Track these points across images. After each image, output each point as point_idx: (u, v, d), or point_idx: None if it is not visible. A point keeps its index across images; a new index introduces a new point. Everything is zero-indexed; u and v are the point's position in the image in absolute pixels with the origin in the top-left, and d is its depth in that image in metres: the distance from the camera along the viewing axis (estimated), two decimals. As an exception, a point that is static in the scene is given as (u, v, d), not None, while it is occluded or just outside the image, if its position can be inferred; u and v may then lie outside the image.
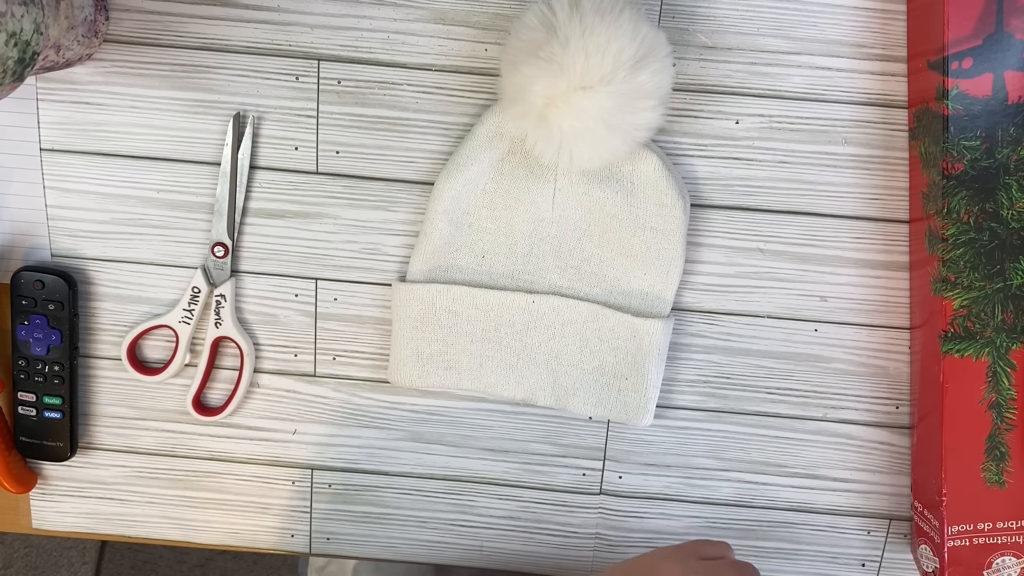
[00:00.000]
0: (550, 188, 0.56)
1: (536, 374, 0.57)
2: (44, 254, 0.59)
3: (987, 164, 0.52)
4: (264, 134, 0.57)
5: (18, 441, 0.61)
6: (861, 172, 0.57)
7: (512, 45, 0.51)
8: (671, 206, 0.55)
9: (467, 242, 0.57)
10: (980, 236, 0.52)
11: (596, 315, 0.56)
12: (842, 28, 0.55)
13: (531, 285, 0.57)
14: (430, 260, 0.57)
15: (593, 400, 0.58)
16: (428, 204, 0.56)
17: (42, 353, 0.59)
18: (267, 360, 0.61)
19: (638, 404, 0.57)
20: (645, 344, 0.56)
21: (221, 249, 0.58)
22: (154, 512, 0.64)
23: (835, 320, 0.59)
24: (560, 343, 0.57)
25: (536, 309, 0.57)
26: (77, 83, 0.56)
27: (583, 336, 0.57)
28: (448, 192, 0.55)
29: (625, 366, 0.57)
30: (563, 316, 0.57)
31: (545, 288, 0.57)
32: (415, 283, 0.56)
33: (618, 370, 0.57)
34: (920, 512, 0.58)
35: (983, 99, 0.51)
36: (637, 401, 0.57)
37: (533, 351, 0.57)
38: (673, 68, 0.51)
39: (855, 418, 0.60)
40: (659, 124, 0.52)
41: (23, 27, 0.44)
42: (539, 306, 0.57)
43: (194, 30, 0.55)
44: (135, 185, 0.58)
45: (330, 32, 0.55)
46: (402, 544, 0.64)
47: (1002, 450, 0.55)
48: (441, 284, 0.56)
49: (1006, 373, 0.54)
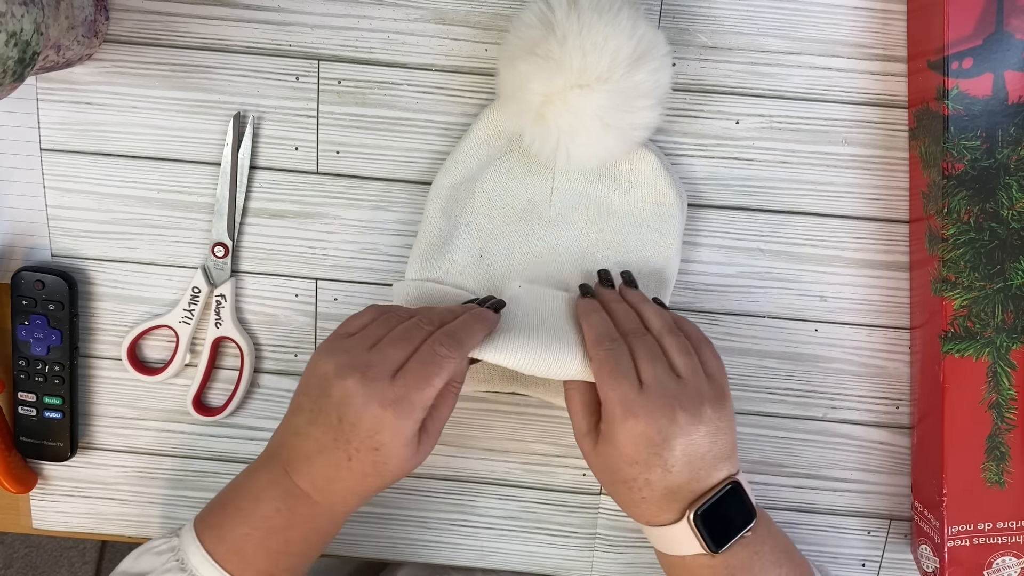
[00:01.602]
0: (548, 186, 0.56)
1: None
2: (44, 254, 0.59)
3: (987, 164, 0.52)
4: (264, 134, 0.57)
5: (18, 441, 0.61)
6: (861, 172, 0.57)
7: (510, 42, 0.51)
8: (668, 205, 0.55)
9: (465, 241, 0.56)
10: (980, 236, 0.52)
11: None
12: (842, 28, 0.55)
13: (529, 284, 0.57)
14: (428, 259, 0.56)
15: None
16: (426, 202, 0.56)
17: (42, 353, 0.59)
18: (267, 360, 0.61)
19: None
20: None
21: (221, 249, 0.58)
22: (154, 512, 0.64)
23: (835, 320, 0.59)
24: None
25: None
26: (77, 83, 0.56)
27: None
28: (445, 190, 0.55)
29: None
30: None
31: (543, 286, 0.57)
32: (414, 282, 0.56)
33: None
34: (920, 512, 0.58)
35: (983, 99, 0.51)
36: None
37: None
38: (672, 67, 0.51)
39: (855, 418, 0.60)
40: (657, 124, 0.52)
41: (23, 27, 0.44)
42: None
43: (194, 30, 0.55)
44: (135, 185, 0.58)
45: (330, 32, 0.55)
46: (402, 544, 0.64)
47: (1002, 450, 0.54)
48: (439, 284, 0.56)
49: (1006, 373, 0.54)
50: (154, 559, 0.49)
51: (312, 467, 0.46)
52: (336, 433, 0.45)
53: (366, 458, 0.45)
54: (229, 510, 0.49)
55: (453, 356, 0.45)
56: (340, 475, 0.46)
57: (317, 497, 0.47)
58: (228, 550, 0.48)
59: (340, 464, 0.45)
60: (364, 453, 0.45)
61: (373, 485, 0.47)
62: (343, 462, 0.45)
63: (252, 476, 0.49)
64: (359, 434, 0.44)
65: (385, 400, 0.44)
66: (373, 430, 0.44)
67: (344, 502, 0.48)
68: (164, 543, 0.50)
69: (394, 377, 0.44)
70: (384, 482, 0.47)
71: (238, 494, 0.49)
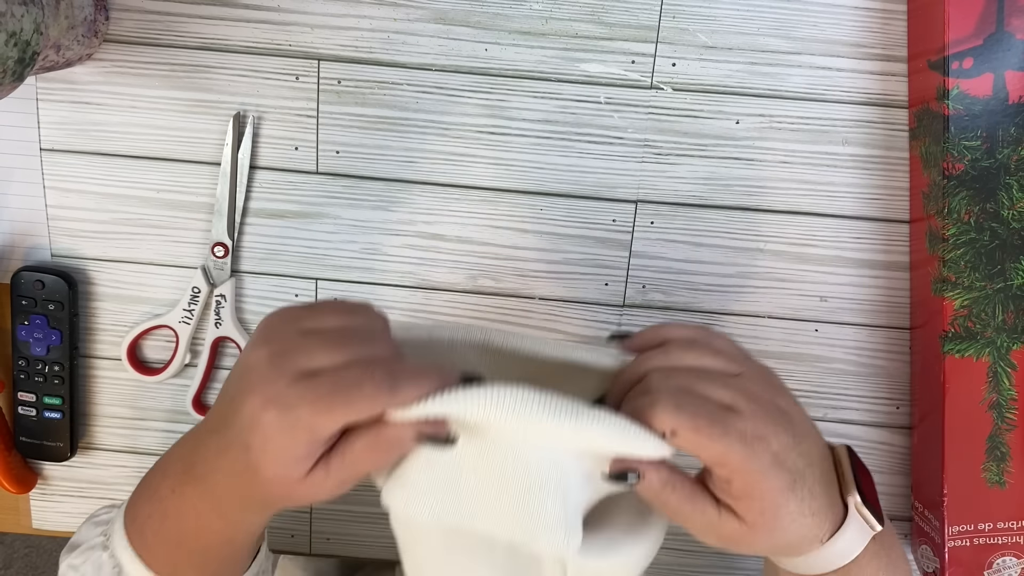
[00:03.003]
0: None
1: None
2: (44, 254, 0.59)
3: (988, 164, 0.52)
4: (264, 134, 0.57)
5: (18, 441, 0.61)
6: (861, 172, 0.57)
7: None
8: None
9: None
10: (981, 236, 0.52)
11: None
12: (842, 28, 0.55)
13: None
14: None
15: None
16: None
17: (42, 353, 0.59)
18: (267, 360, 0.61)
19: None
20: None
21: (221, 249, 0.58)
22: (154, 512, 0.64)
23: (835, 320, 0.59)
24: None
25: None
26: (77, 83, 0.56)
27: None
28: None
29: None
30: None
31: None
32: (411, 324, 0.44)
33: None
34: (920, 512, 0.58)
35: (984, 99, 0.51)
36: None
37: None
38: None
39: (855, 418, 0.60)
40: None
41: (23, 27, 0.44)
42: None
43: (194, 30, 0.55)
44: (135, 185, 0.58)
45: (330, 32, 0.55)
46: (402, 544, 0.64)
47: (1003, 450, 0.54)
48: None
49: (1007, 373, 0.54)
50: (92, 530, 0.46)
51: (203, 447, 0.40)
52: (226, 412, 0.38)
53: (237, 455, 0.37)
54: (148, 478, 0.43)
55: (378, 396, 0.35)
56: (219, 464, 0.38)
57: (204, 488, 0.40)
58: (138, 530, 0.43)
59: (218, 450, 0.38)
60: (235, 447, 0.37)
61: (249, 493, 0.38)
62: (222, 449, 0.38)
63: (181, 439, 0.43)
64: (236, 421, 0.36)
65: (270, 397, 0.35)
66: (248, 424, 0.36)
67: (227, 503, 0.40)
68: (106, 514, 0.47)
69: (299, 379, 0.35)
70: (264, 494, 0.38)
71: (162, 459, 0.44)
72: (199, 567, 0.43)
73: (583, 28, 0.55)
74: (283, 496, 0.38)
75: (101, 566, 0.43)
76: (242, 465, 0.37)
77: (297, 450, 0.36)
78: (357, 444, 0.37)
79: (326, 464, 0.37)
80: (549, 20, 0.55)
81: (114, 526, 0.44)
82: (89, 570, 0.44)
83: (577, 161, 0.57)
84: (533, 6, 0.55)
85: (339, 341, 0.37)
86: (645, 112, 0.56)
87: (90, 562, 0.44)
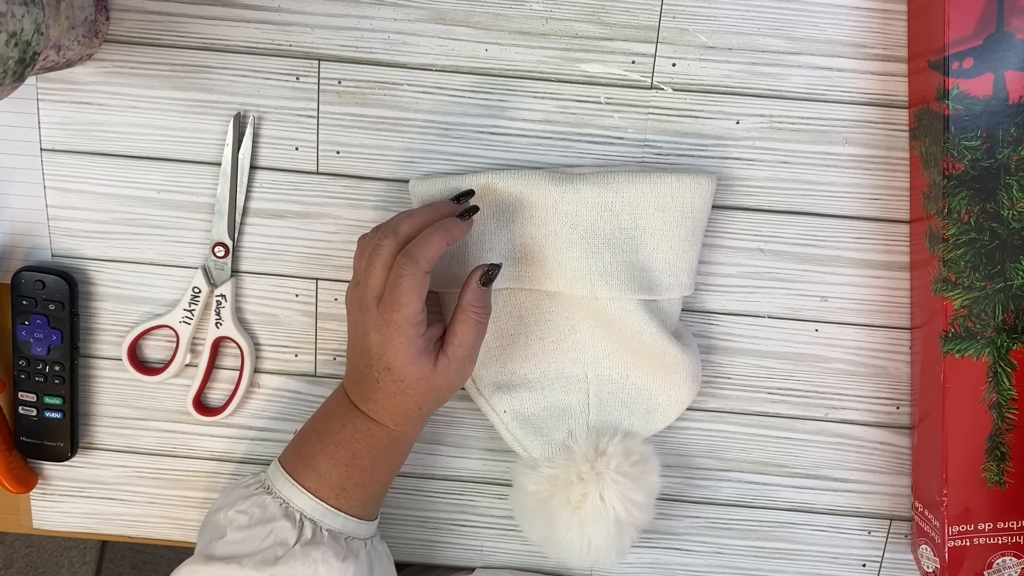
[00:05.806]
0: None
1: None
2: (44, 254, 0.59)
3: (988, 164, 0.52)
4: (264, 134, 0.57)
5: (19, 441, 0.61)
6: (861, 172, 0.57)
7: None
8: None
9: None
10: (981, 236, 0.52)
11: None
12: (842, 28, 0.55)
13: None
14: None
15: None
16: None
17: (42, 353, 0.59)
18: (267, 360, 0.61)
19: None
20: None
21: (222, 249, 0.58)
22: (154, 512, 0.64)
23: (836, 320, 0.59)
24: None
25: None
26: (77, 83, 0.56)
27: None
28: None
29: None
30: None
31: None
32: (428, 178, 0.57)
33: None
34: (921, 512, 0.58)
35: (984, 99, 0.51)
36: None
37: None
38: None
39: (856, 418, 0.60)
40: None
41: (24, 27, 0.44)
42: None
43: (194, 30, 0.55)
44: (135, 185, 0.58)
45: (330, 32, 0.55)
46: (402, 544, 0.64)
47: (1003, 450, 0.54)
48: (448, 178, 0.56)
49: (1007, 373, 0.54)
50: (240, 490, 0.54)
51: (360, 390, 0.52)
52: (367, 359, 0.50)
53: (387, 378, 0.50)
54: (307, 431, 0.54)
55: (411, 274, 0.48)
56: (378, 396, 0.51)
57: (373, 416, 0.52)
58: (306, 467, 0.52)
59: (373, 386, 0.51)
60: (383, 374, 0.50)
61: (409, 404, 0.51)
62: (375, 384, 0.51)
63: (328, 399, 0.55)
64: (374, 358, 0.50)
65: (376, 325, 0.49)
66: (379, 352, 0.49)
67: (394, 420, 0.52)
68: (252, 476, 0.55)
69: (379, 303, 0.49)
70: (419, 401, 0.51)
71: (316, 416, 0.55)
72: (364, 484, 0.53)
73: (583, 28, 0.55)
74: (434, 394, 0.51)
75: (266, 506, 0.52)
76: (393, 385, 0.50)
77: (412, 347, 0.49)
78: (456, 325, 0.51)
79: (443, 352, 0.50)
80: (549, 20, 0.55)
81: (272, 475, 0.53)
82: (256, 511, 0.52)
83: (577, 161, 0.57)
84: (533, 6, 0.55)
85: (369, 263, 0.50)
86: (645, 112, 0.56)
87: (256, 505, 0.52)
